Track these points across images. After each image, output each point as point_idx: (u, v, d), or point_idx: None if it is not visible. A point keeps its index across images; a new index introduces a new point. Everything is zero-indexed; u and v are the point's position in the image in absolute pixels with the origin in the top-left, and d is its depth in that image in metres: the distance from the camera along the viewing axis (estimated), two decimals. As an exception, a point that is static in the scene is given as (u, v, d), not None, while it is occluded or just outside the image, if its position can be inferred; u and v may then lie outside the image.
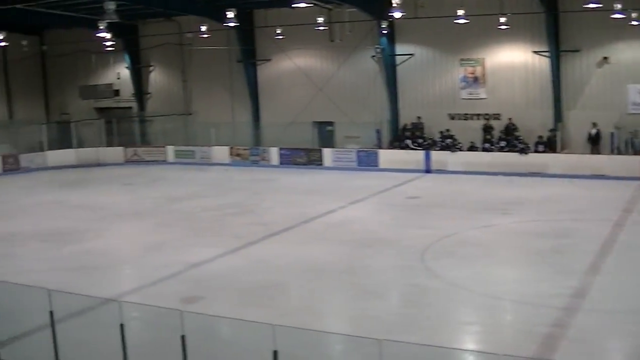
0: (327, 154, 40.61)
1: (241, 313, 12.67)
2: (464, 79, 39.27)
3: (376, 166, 39.01)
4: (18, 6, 28.71)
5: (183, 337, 10.81)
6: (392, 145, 40.38)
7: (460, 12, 34.79)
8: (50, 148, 46.30)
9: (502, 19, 35.48)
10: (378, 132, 40.74)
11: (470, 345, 14.86)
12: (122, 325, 11.36)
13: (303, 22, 38.92)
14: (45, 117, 51.36)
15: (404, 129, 40.58)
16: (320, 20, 37.66)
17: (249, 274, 20.68)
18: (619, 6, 32.27)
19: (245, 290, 18.90)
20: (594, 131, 36.35)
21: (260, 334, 11.00)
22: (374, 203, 31.03)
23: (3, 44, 40.99)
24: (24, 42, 47.40)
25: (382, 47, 40.11)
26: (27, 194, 36.41)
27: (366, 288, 18.94)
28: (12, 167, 44.38)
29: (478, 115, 38.80)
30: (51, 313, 11.99)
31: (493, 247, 22.74)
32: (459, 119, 39.35)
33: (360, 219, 27.58)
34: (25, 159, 45.17)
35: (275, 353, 10.08)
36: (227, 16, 33.71)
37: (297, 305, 18.05)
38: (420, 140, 39.43)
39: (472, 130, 38.29)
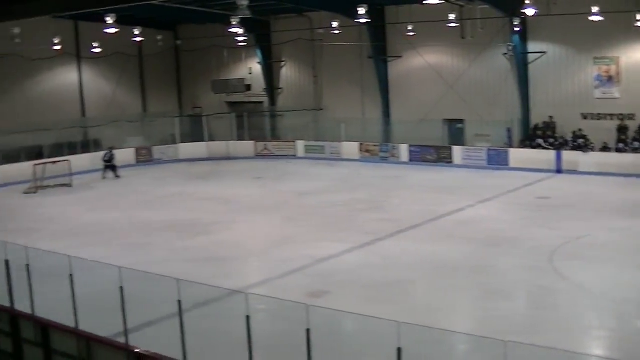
0: (457, 151, 40.22)
1: (366, 309, 12.65)
2: (598, 77, 38.23)
3: (506, 165, 38.44)
4: (154, 2, 29.40)
5: (308, 331, 10.89)
6: (522, 145, 39.69)
7: (595, 9, 33.82)
8: (183, 141, 47.37)
9: (639, 16, 34.40)
10: (509, 130, 40.08)
11: (598, 351, 14.54)
12: (248, 317, 11.53)
13: (434, 18, 38.58)
14: (178, 110, 52.47)
15: (535, 128, 39.83)
16: (452, 17, 37.26)
17: (376, 270, 20.73)
18: None
19: (371, 287, 18.95)
20: None
21: (385, 331, 11.01)
22: (503, 202, 30.58)
23: (139, 39, 42.03)
24: (159, 37, 48.47)
25: (514, 44, 39.39)
26: (159, 186, 37.36)
27: (492, 288, 18.76)
28: (145, 159, 45.62)
29: (612, 115, 37.71)
30: (179, 302, 12.26)
31: (623, 251, 22.09)
32: (592, 118, 38.33)
33: (489, 218, 27.27)
34: (157, 151, 46.37)
35: (399, 350, 10.07)
36: (359, 12, 33.76)
37: (423, 303, 17.99)
38: (551, 140, 38.66)
39: (605, 131, 37.24)
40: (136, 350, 13.11)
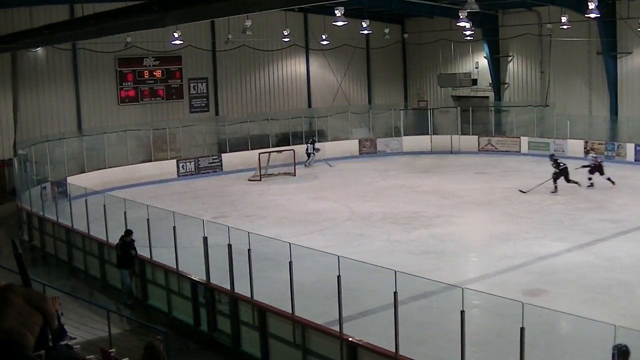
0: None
1: (584, 310, 12.34)
2: None
3: None
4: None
5: (522, 329, 10.71)
6: None
7: None
8: (406, 134, 47.54)
9: None
10: None
11: None
12: (462, 312, 11.46)
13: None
14: (403, 103, 52.68)
15: None
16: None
17: (596, 271, 20.13)
18: None
19: (590, 287, 18.42)
20: None
21: (601, 333, 10.69)
22: None
23: (366, 31, 42.44)
24: (386, 30, 48.74)
25: None
26: (382, 178, 37.69)
27: None
28: (369, 150, 46.14)
29: None
30: (395, 294, 12.33)
31: None
32: None
33: None
34: (381, 143, 46.78)
35: (614, 355, 9.73)
36: (589, 7, 32.74)
37: (644, 308, 17.34)
38: None
39: None
40: (350, 340, 13.28)
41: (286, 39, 43.72)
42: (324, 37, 45.09)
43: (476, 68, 49.85)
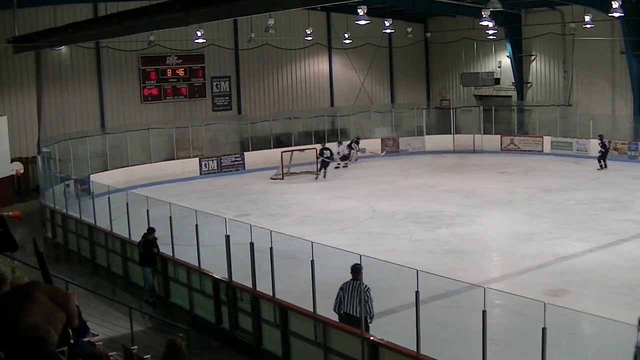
0: None
1: (606, 311, 12.29)
2: None
3: None
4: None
5: (544, 330, 10.68)
6: None
7: None
8: (429, 133, 47.52)
9: None
10: None
11: None
12: (484, 312, 11.43)
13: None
14: (426, 102, 52.62)
15: None
16: None
17: (619, 271, 20.05)
18: None
19: (612, 288, 18.36)
20: None
21: (624, 334, 10.66)
22: None
23: (389, 30, 42.38)
24: (409, 29, 48.62)
25: None
26: (404, 177, 37.66)
27: None
28: (391, 149, 46.14)
29: None
30: (417, 293, 12.31)
31: None
32: None
33: None
34: (404, 142, 46.78)
35: (636, 356, 9.70)
36: (613, 6, 32.55)
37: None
38: None
39: None
40: (371, 338, 13.29)
41: (309, 38, 43.80)
42: (346, 36, 45.10)
43: (499, 67, 49.72)
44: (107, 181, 28.55)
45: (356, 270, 13.82)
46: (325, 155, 38.39)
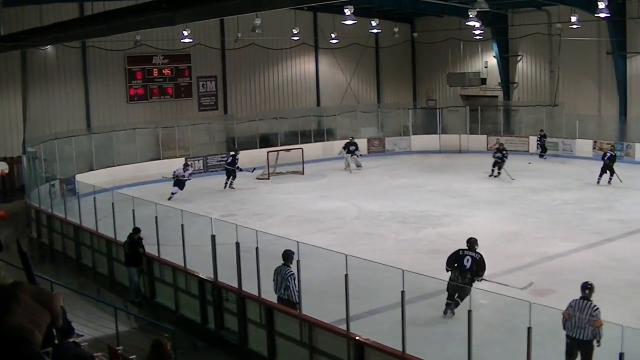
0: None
1: (591, 311, 12.34)
2: None
3: None
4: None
5: (529, 329, 10.73)
6: None
7: None
8: (415, 133, 47.62)
9: None
10: None
11: None
12: (469, 312, 11.47)
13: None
14: (412, 102, 52.69)
15: None
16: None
17: (604, 271, 20.10)
18: None
19: (598, 288, 18.11)
20: None
21: (609, 334, 10.72)
22: None
23: (376, 30, 42.48)
24: (396, 29, 48.73)
25: None
26: (390, 177, 37.73)
27: None
28: (378, 149, 46.21)
29: None
30: (402, 293, 12.34)
31: None
32: None
33: None
34: (390, 142, 46.85)
35: (621, 355, 9.77)
36: (599, 6, 32.70)
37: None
38: None
39: None
40: (357, 338, 13.30)
41: (295, 38, 43.85)
42: (333, 36, 45.16)
43: (485, 67, 49.84)
44: (93, 181, 28.46)
45: (286, 256, 14.93)
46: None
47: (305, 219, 28.02)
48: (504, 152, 35.71)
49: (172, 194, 32.16)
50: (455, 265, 16.50)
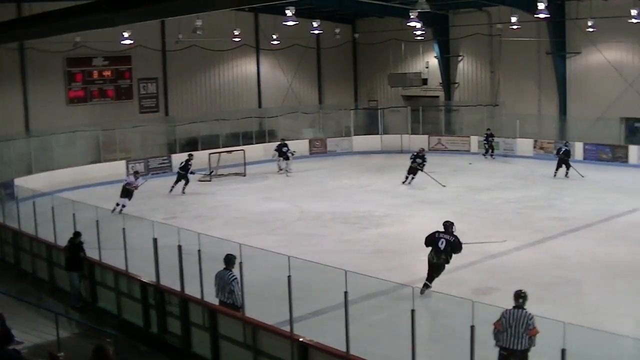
0: (634, 151, 38.77)
1: (534, 308, 12.37)
2: None
3: (686, 166, 36.91)
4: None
5: (472, 328, 10.77)
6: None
7: None
8: (357, 133, 47.80)
9: None
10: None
11: None
12: (413, 311, 11.47)
13: (615, 14, 37.26)
14: (354, 103, 52.85)
15: None
16: (634, 12, 35.79)
17: (546, 269, 20.39)
18: None
19: (539, 285, 18.57)
20: None
21: (551, 331, 10.79)
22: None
23: (317, 31, 42.52)
24: (337, 30, 48.88)
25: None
26: (332, 177, 37.80)
27: (666, 293, 18.09)
28: (319, 150, 46.27)
29: None
30: (345, 294, 12.32)
31: None
32: None
33: (666, 221, 26.25)
34: (332, 143, 46.95)
35: (563, 352, 9.83)
36: (539, 7, 33.03)
37: (591, 305, 17.59)
38: None
39: None
40: (301, 340, 13.25)
41: (237, 39, 43.71)
42: (274, 37, 45.19)
43: (426, 68, 50.19)
44: (32, 185, 28.12)
45: (227, 260, 14.95)
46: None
47: (247, 221, 27.93)
48: (424, 158, 35.07)
49: (123, 206, 29.48)
50: (431, 246, 18.17)
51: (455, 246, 18.14)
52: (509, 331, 11.97)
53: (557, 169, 35.42)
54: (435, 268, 18.06)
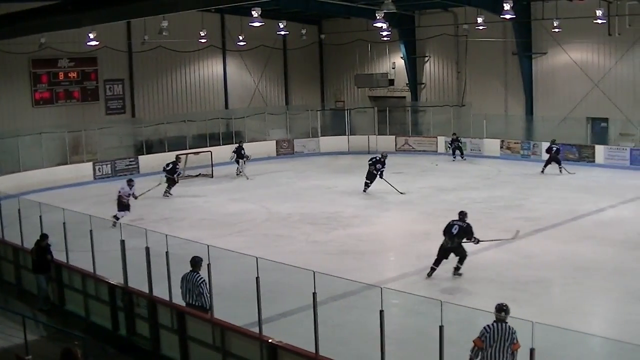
0: (600, 151, 39.12)
1: (502, 308, 12.47)
2: None
3: (651, 165, 37.24)
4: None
5: (441, 328, 10.80)
6: (670, 145, 38.29)
7: None
8: (324, 134, 47.86)
9: None
10: (655, 130, 38.75)
11: None
12: (381, 312, 11.49)
13: (581, 15, 37.56)
14: (321, 104, 52.90)
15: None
16: (599, 13, 36.13)
17: (514, 268, 20.49)
18: None
19: (508, 285, 18.74)
20: None
21: (519, 330, 10.87)
22: (647, 204, 29.67)
23: (283, 32, 42.50)
24: (303, 31, 48.87)
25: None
26: (299, 178, 37.80)
27: (634, 291, 18.23)
28: (286, 151, 46.29)
29: None
30: (314, 295, 12.33)
31: None
32: None
33: (631, 220, 26.46)
34: (299, 144, 46.98)
35: (532, 351, 9.89)
36: (504, 8, 33.23)
37: (560, 304, 17.74)
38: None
39: None
40: (270, 341, 13.25)
41: (203, 40, 43.63)
42: (240, 38, 45.12)
43: (393, 68, 50.33)
44: (-2, 187, 27.86)
45: (194, 262, 14.90)
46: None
47: (215, 222, 27.88)
48: (384, 163, 34.28)
49: (117, 218, 26.95)
50: (446, 233, 19.93)
51: (467, 231, 19.70)
52: (494, 346, 11.52)
53: (545, 166, 36.52)
54: (447, 252, 19.76)
